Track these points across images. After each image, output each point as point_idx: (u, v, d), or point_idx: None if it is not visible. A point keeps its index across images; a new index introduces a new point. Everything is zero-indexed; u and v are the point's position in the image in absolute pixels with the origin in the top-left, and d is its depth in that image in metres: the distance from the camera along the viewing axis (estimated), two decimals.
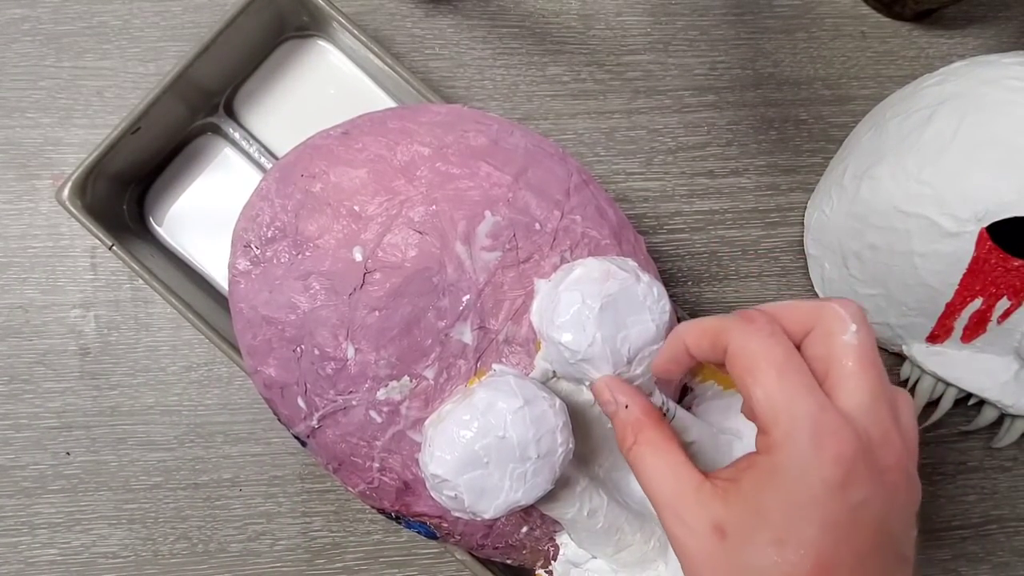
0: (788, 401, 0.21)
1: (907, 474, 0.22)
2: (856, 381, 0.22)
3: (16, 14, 0.42)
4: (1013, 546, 0.43)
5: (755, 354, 0.22)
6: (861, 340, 0.22)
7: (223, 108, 0.41)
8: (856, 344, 0.22)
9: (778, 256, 0.44)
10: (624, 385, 0.27)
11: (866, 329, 0.22)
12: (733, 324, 0.23)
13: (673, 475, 0.24)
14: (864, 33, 0.46)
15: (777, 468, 0.21)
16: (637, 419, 0.26)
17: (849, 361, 0.22)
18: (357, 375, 0.29)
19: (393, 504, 0.31)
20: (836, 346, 0.22)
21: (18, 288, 0.41)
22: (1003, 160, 0.34)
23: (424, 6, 0.44)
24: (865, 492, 0.21)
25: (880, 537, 0.21)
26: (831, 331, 0.22)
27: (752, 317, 0.23)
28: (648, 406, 0.26)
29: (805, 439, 0.21)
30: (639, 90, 0.45)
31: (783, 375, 0.22)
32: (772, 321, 0.23)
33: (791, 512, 0.21)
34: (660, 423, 0.25)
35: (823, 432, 0.21)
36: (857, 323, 0.22)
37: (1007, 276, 0.35)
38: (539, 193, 0.30)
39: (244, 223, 0.31)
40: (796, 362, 0.22)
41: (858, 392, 0.22)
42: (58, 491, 0.40)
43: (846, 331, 0.22)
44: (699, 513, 0.22)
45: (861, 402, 0.21)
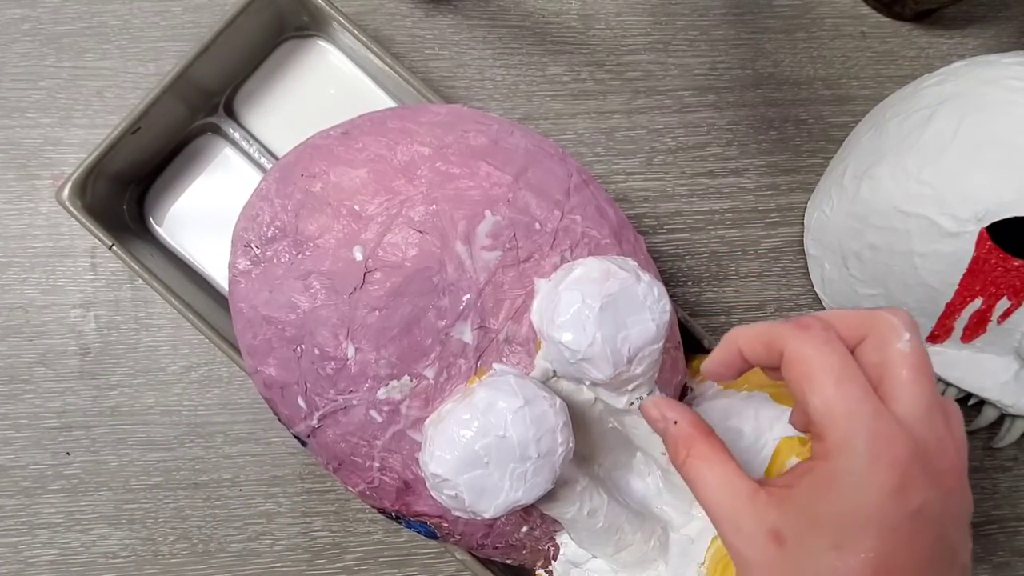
0: (845, 408, 0.21)
1: (961, 480, 0.22)
2: (911, 389, 0.22)
3: (16, 14, 0.42)
4: (1013, 546, 0.43)
5: (812, 361, 0.22)
6: (914, 348, 0.22)
7: (223, 108, 0.41)
8: (909, 352, 0.22)
9: (778, 256, 0.44)
10: (671, 402, 0.27)
11: (918, 338, 0.23)
12: (788, 331, 0.23)
13: (728, 485, 0.24)
14: (864, 33, 0.46)
15: (834, 474, 0.21)
16: (688, 433, 0.25)
17: (903, 370, 0.22)
18: (357, 375, 0.29)
19: (393, 504, 0.31)
20: (890, 354, 0.22)
21: (18, 288, 0.41)
22: (1003, 160, 0.34)
23: (424, 6, 0.44)
24: (923, 497, 0.21)
25: (938, 543, 0.21)
26: (885, 340, 0.23)
27: (807, 324, 0.23)
28: (697, 420, 0.26)
29: (862, 445, 0.21)
30: (639, 90, 0.45)
31: (840, 382, 0.22)
32: (827, 328, 0.23)
33: (849, 517, 0.21)
34: (710, 435, 0.25)
35: (879, 438, 0.21)
36: (910, 332, 0.23)
37: (1007, 276, 0.35)
38: (539, 193, 0.30)
39: (244, 223, 0.31)
40: (852, 369, 0.22)
41: (913, 400, 0.22)
42: (58, 491, 0.40)
43: (900, 339, 0.22)
44: (755, 521, 0.22)
45: (916, 410, 0.22)
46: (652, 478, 0.33)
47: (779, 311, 0.44)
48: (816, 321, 0.23)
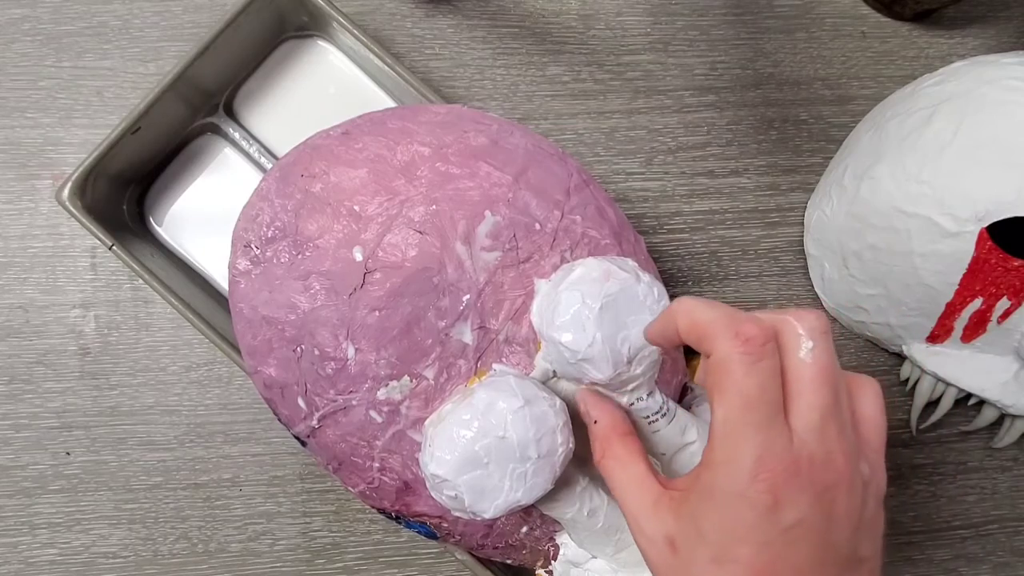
0: (741, 433, 0.21)
1: (851, 484, 0.22)
2: (807, 400, 0.22)
3: (16, 14, 0.42)
4: (1013, 546, 0.43)
5: (730, 376, 0.22)
6: (816, 357, 0.22)
7: (223, 108, 0.41)
8: (810, 362, 0.22)
9: (778, 256, 0.44)
10: (598, 399, 0.28)
11: (823, 344, 0.22)
12: (723, 334, 0.22)
13: (636, 487, 0.25)
14: (864, 33, 0.46)
15: (715, 487, 0.22)
16: (605, 435, 0.27)
17: (803, 379, 0.22)
18: (357, 375, 0.29)
19: (393, 504, 0.31)
20: (792, 362, 0.22)
21: (18, 288, 0.41)
22: (1003, 160, 0.34)
23: (424, 6, 0.44)
24: (798, 514, 0.21)
25: (820, 551, 0.22)
26: (787, 347, 0.23)
27: (748, 336, 0.22)
28: (615, 421, 0.27)
29: (746, 463, 0.21)
30: (639, 90, 0.45)
31: (748, 409, 0.22)
32: (766, 341, 0.22)
33: (726, 531, 0.22)
34: (626, 437, 0.27)
35: (762, 462, 0.21)
36: (815, 338, 0.22)
37: (1007, 276, 0.35)
38: (539, 193, 0.30)
39: (244, 223, 0.31)
40: (768, 396, 0.22)
41: (808, 412, 0.22)
42: (58, 491, 0.40)
43: (800, 348, 0.22)
44: (655, 525, 0.24)
45: (809, 422, 0.22)
46: None
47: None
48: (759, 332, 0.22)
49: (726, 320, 0.23)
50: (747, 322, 0.22)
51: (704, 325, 0.23)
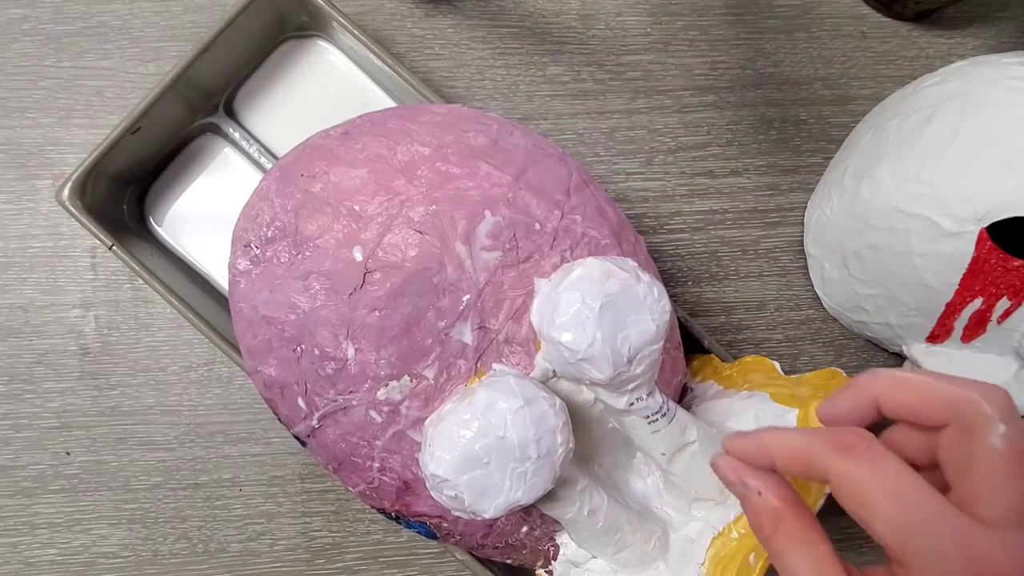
0: (917, 533, 0.19)
1: None
2: (1005, 491, 0.19)
3: (16, 14, 0.42)
4: None
5: (865, 484, 0.20)
6: (1010, 442, 0.19)
7: (223, 108, 0.41)
8: (1004, 449, 0.19)
9: (778, 256, 0.44)
10: (751, 469, 0.24)
11: (1015, 424, 0.20)
12: (831, 452, 0.20)
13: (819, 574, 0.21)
14: (864, 33, 0.46)
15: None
16: (775, 508, 0.22)
17: (997, 467, 0.19)
18: (357, 375, 0.29)
19: (393, 504, 0.31)
20: (980, 449, 0.20)
21: (18, 288, 0.41)
22: (1003, 160, 0.34)
23: (424, 6, 0.44)
24: None
25: None
26: (974, 430, 0.20)
27: (851, 444, 0.20)
28: (785, 491, 0.23)
29: (956, 565, 0.19)
30: (639, 90, 0.45)
31: (904, 502, 0.19)
32: (872, 443, 0.20)
33: None
34: (801, 512, 0.22)
35: (973, 554, 0.19)
36: (1005, 419, 0.20)
37: (1007, 276, 0.35)
38: (539, 193, 0.30)
39: (244, 223, 0.31)
40: (915, 485, 0.19)
41: (1008, 504, 0.19)
42: (58, 491, 0.40)
43: (993, 432, 0.20)
44: None
45: (1012, 514, 0.19)
46: (652, 478, 0.33)
47: (779, 311, 0.44)
48: (858, 439, 0.20)
49: (822, 439, 0.21)
50: (845, 434, 0.20)
51: (802, 451, 0.21)
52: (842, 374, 0.33)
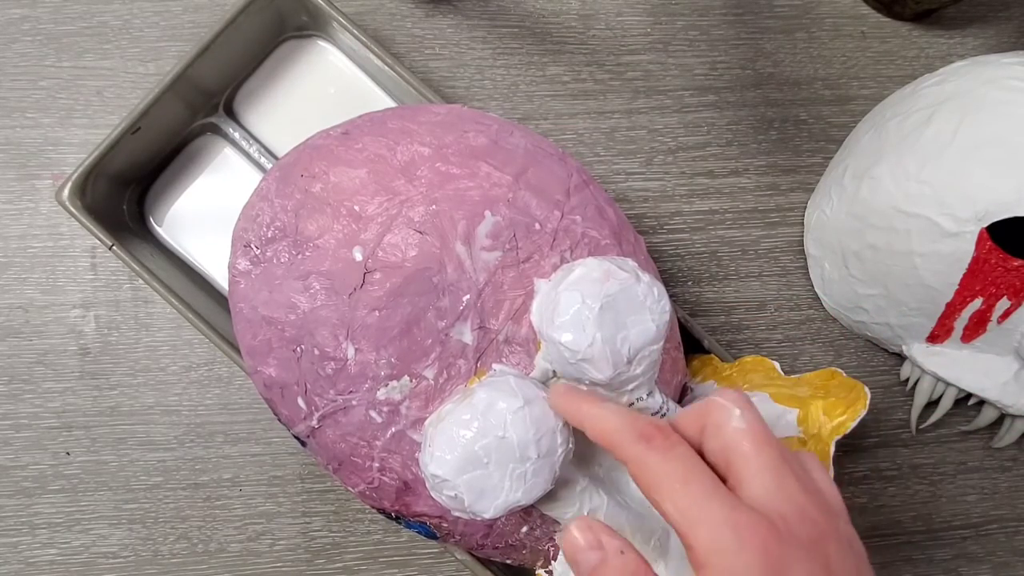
0: (698, 510, 0.21)
1: (836, 537, 0.22)
2: (756, 463, 0.22)
3: (16, 14, 0.42)
4: (1013, 546, 0.43)
5: (654, 468, 0.22)
6: (749, 422, 0.23)
7: (223, 108, 0.41)
8: (745, 428, 0.23)
9: (778, 256, 0.44)
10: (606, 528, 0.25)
11: (752, 411, 0.23)
12: (630, 439, 0.23)
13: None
14: (864, 33, 0.46)
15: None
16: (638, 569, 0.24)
17: (744, 445, 0.23)
18: (357, 375, 0.29)
19: (393, 504, 0.31)
20: (728, 435, 0.23)
21: (18, 288, 0.41)
22: (1003, 160, 0.34)
23: (424, 6, 0.44)
24: (803, 571, 0.21)
25: None
26: (719, 423, 0.23)
27: (649, 435, 0.23)
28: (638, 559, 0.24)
29: (728, 541, 0.21)
30: (639, 90, 0.45)
31: (686, 483, 0.22)
32: (668, 435, 0.23)
33: None
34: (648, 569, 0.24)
35: (741, 528, 0.21)
36: (740, 407, 0.23)
37: (1007, 276, 0.35)
38: (539, 193, 0.30)
39: (244, 223, 0.31)
40: (697, 470, 0.22)
41: (761, 474, 0.22)
42: (58, 491, 0.40)
43: (732, 418, 0.23)
44: None
45: (766, 484, 0.22)
46: None
47: (779, 311, 0.44)
48: (657, 430, 0.23)
49: (626, 429, 0.24)
50: (646, 427, 0.23)
51: (609, 436, 0.24)
52: (842, 374, 0.33)
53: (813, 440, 0.30)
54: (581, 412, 0.25)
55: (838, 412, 0.30)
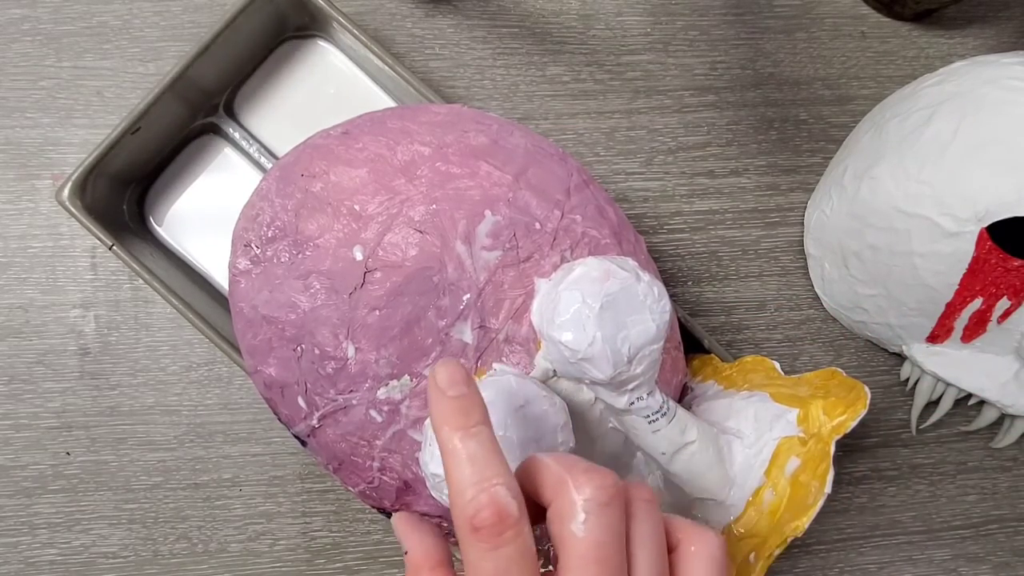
0: None
1: None
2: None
3: (16, 14, 0.42)
4: (1013, 546, 0.43)
5: (467, 560, 0.21)
6: (589, 532, 0.20)
7: (223, 108, 0.41)
8: (582, 538, 0.20)
9: (778, 256, 0.44)
10: (411, 526, 0.27)
11: (600, 518, 0.20)
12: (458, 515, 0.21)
13: None
14: (864, 33, 0.46)
15: None
16: (415, 564, 0.25)
17: (573, 556, 0.20)
18: (357, 374, 0.29)
19: (393, 504, 0.31)
20: (564, 534, 0.21)
21: (18, 288, 0.41)
22: (1003, 160, 0.34)
23: (424, 6, 0.44)
24: None
25: None
26: (561, 514, 0.21)
27: (479, 523, 0.20)
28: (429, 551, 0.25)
29: None
30: (639, 90, 0.45)
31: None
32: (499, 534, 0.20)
33: None
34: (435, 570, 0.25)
35: None
36: (589, 510, 0.20)
37: (1007, 276, 0.35)
38: (539, 193, 0.30)
39: (244, 223, 0.31)
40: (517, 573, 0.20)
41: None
42: (58, 491, 0.40)
43: (574, 519, 0.20)
44: None
45: None
46: (652, 478, 0.33)
47: (779, 311, 0.44)
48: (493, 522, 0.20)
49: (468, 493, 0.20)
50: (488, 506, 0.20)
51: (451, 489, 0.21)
52: (842, 374, 0.33)
53: (813, 440, 0.30)
54: (449, 443, 0.22)
55: (838, 412, 0.30)
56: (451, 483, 0.21)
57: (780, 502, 0.30)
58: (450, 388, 0.22)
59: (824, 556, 0.42)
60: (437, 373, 0.23)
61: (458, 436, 0.22)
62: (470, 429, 0.22)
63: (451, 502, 0.21)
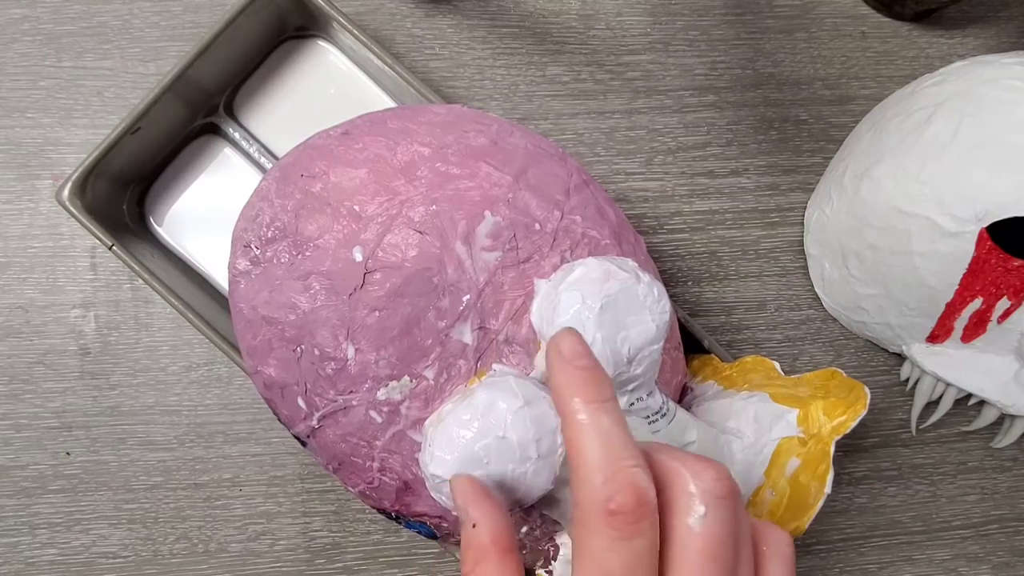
0: None
1: None
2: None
3: (16, 14, 0.42)
4: (1013, 546, 0.43)
5: (589, 546, 0.19)
6: (708, 527, 0.19)
7: (223, 108, 0.41)
8: (700, 532, 0.19)
9: (778, 256, 0.44)
10: (484, 496, 0.23)
11: (719, 511, 0.19)
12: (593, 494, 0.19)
13: None
14: (864, 33, 0.46)
15: None
16: (482, 545, 0.22)
17: (687, 551, 0.19)
18: (357, 375, 0.29)
19: (393, 504, 0.31)
20: (677, 524, 0.19)
21: (18, 288, 0.41)
22: (1003, 160, 0.34)
23: (424, 6, 0.44)
24: None
25: None
26: (674, 505, 0.19)
27: (617, 507, 0.18)
28: (500, 532, 0.22)
29: None
30: (639, 90, 0.45)
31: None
32: (636, 522, 0.18)
33: None
34: (506, 557, 0.21)
35: None
36: (708, 503, 0.19)
37: (1007, 276, 0.35)
38: (539, 193, 0.30)
39: (244, 223, 0.31)
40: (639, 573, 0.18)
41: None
42: (58, 491, 0.40)
43: (691, 512, 0.19)
44: None
45: None
46: None
47: (779, 311, 0.44)
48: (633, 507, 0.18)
49: (601, 474, 0.19)
50: (625, 488, 0.18)
51: (580, 466, 0.19)
52: (842, 374, 0.33)
53: (813, 440, 0.30)
54: (579, 415, 0.20)
55: (838, 412, 0.30)
56: (580, 461, 0.19)
57: (780, 502, 0.30)
58: (576, 359, 0.21)
59: (824, 556, 0.42)
60: (561, 343, 0.21)
61: (590, 410, 0.20)
62: (604, 404, 0.20)
63: (578, 483, 0.19)
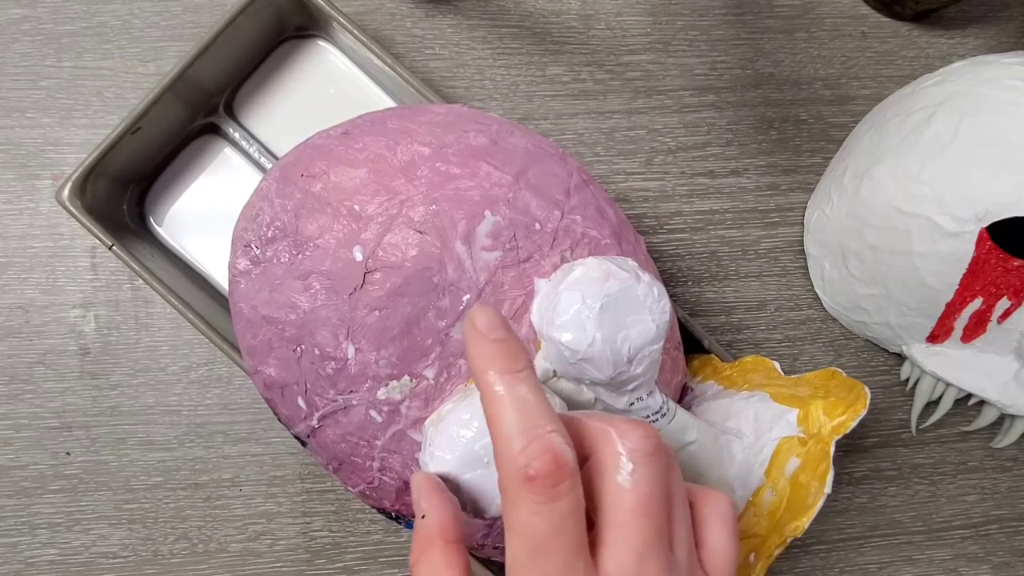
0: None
1: None
2: (623, 536, 0.19)
3: (16, 14, 0.42)
4: (1013, 546, 0.43)
5: (515, 513, 0.19)
6: (636, 483, 0.19)
7: (223, 108, 0.41)
8: (630, 489, 0.19)
9: (778, 256, 0.44)
10: (435, 489, 0.23)
11: (647, 468, 0.19)
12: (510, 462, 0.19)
13: None
14: (864, 33, 0.46)
15: None
16: (428, 535, 0.22)
17: (619, 509, 0.19)
18: (357, 375, 0.29)
19: (393, 504, 0.31)
20: (608, 487, 0.20)
21: (18, 288, 0.41)
22: (1003, 160, 0.34)
23: (424, 6, 0.44)
24: None
25: None
26: (604, 466, 0.20)
27: (535, 472, 0.19)
28: (447, 523, 0.22)
29: None
30: (639, 90, 0.45)
31: (535, 555, 0.19)
32: (556, 484, 0.19)
33: None
34: (449, 547, 0.22)
35: None
36: (636, 460, 0.19)
37: (1007, 276, 0.35)
38: (539, 193, 0.30)
39: (244, 223, 0.31)
40: (563, 543, 0.19)
41: (623, 551, 0.19)
42: (58, 491, 0.40)
43: (619, 470, 0.19)
44: None
45: (624, 564, 0.19)
46: None
47: (779, 311, 0.44)
48: (551, 471, 0.19)
49: (518, 441, 0.19)
50: (542, 453, 0.19)
51: (498, 437, 0.20)
52: (842, 374, 0.33)
53: (813, 440, 0.30)
54: (494, 387, 0.20)
55: (838, 412, 0.30)
56: (496, 431, 0.20)
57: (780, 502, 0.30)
58: (491, 332, 0.21)
59: (824, 556, 0.42)
60: (476, 317, 0.21)
61: (504, 380, 0.20)
62: (517, 373, 0.20)
63: (497, 452, 0.20)
